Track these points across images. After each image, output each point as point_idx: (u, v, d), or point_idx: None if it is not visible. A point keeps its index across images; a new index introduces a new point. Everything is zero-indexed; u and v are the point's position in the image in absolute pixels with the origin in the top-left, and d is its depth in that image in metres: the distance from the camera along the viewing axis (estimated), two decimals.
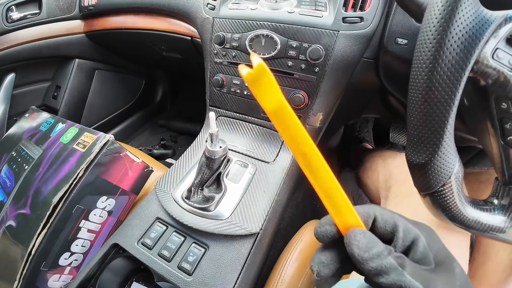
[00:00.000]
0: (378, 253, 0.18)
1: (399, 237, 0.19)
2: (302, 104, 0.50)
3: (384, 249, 0.19)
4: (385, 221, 0.20)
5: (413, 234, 0.20)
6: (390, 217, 0.20)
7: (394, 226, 0.20)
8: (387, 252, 0.18)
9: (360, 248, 0.18)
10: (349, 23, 0.46)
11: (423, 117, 0.26)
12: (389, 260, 0.18)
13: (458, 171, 0.29)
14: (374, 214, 0.20)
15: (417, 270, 0.18)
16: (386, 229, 0.20)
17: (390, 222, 0.20)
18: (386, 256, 0.18)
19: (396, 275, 0.18)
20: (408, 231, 0.20)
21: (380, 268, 0.18)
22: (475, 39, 0.24)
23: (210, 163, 0.42)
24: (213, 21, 0.55)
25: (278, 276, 0.45)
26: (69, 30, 0.90)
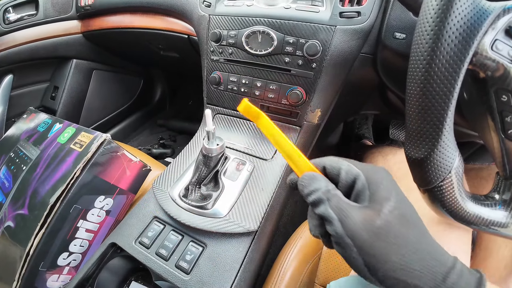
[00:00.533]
0: (314, 189, 0.23)
1: (342, 178, 0.23)
2: (300, 101, 0.49)
3: (322, 186, 0.23)
4: (332, 167, 0.24)
5: (354, 174, 0.23)
6: (335, 162, 0.24)
7: (338, 169, 0.24)
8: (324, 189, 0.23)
9: (303, 185, 0.24)
10: (346, 18, 0.45)
11: (421, 110, 0.26)
12: (319, 195, 0.22)
13: (458, 166, 0.28)
14: (324, 161, 0.25)
15: (340, 204, 0.22)
16: (333, 172, 0.24)
17: (335, 167, 0.24)
18: (318, 192, 0.23)
19: (323, 207, 0.22)
20: (349, 172, 0.23)
21: (313, 200, 0.23)
22: (473, 30, 0.24)
23: (208, 161, 0.42)
24: (209, 19, 0.55)
25: (278, 274, 0.45)
26: (66, 30, 0.90)
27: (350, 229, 0.21)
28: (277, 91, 0.51)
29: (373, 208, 0.21)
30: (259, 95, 0.53)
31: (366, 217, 0.21)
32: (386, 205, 0.21)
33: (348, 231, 0.21)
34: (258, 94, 0.53)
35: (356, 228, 0.21)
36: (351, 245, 0.21)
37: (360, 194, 0.23)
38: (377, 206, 0.21)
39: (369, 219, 0.21)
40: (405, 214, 0.21)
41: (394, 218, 0.21)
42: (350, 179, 0.23)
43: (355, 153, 0.94)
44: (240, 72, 0.54)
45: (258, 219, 0.42)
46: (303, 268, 0.46)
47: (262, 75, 0.52)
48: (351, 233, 0.21)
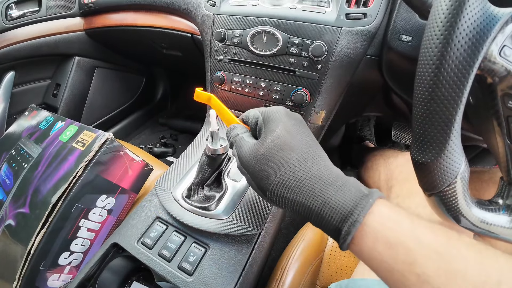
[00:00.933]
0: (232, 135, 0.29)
1: (249, 122, 0.30)
2: (304, 102, 0.49)
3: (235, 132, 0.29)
4: (245, 116, 0.31)
5: (255, 117, 0.29)
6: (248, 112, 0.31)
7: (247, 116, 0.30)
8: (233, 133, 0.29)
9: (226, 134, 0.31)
10: (352, 20, 0.45)
11: (429, 115, 0.26)
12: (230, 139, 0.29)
13: (464, 171, 0.28)
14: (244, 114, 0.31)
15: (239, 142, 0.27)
16: (248, 120, 0.30)
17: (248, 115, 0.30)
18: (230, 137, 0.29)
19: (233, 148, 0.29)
20: (253, 116, 0.29)
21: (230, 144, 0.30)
22: (482, 36, 0.23)
23: (211, 162, 0.42)
24: (214, 18, 0.55)
25: (280, 276, 0.45)
26: (69, 27, 0.90)
27: (242, 161, 0.26)
28: (281, 92, 0.51)
29: (261, 140, 0.26)
30: (263, 95, 0.53)
31: (253, 148, 0.25)
32: (270, 135, 0.25)
33: (241, 163, 0.26)
34: (262, 94, 0.53)
35: (246, 159, 0.25)
36: (245, 173, 0.26)
37: (259, 132, 0.27)
38: (263, 137, 0.26)
39: (255, 150, 0.25)
40: (287, 141, 0.24)
41: (274, 146, 0.24)
42: (253, 121, 0.29)
43: (357, 154, 0.94)
44: (244, 72, 0.54)
45: (261, 220, 0.41)
46: (305, 270, 0.46)
47: (266, 75, 0.52)
48: (244, 164, 0.26)
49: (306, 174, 0.23)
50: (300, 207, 0.23)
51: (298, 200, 0.23)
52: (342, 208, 0.21)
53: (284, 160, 0.23)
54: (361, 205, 0.21)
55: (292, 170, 0.23)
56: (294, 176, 0.23)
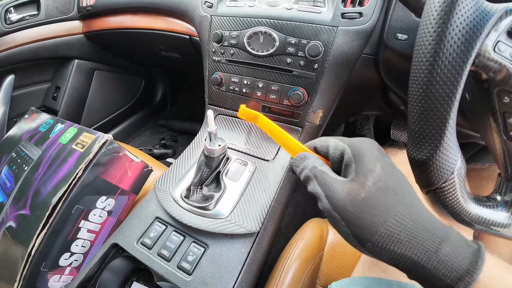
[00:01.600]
0: (303, 167, 0.24)
1: (330, 154, 0.25)
2: (302, 102, 0.49)
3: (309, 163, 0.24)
4: (321, 145, 0.26)
5: (340, 149, 0.24)
6: (324, 141, 0.26)
7: (327, 146, 0.25)
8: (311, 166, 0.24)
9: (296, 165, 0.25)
10: (348, 19, 0.45)
11: (424, 112, 0.26)
12: (306, 172, 0.24)
13: (460, 167, 0.28)
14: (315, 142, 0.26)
15: (325, 180, 0.23)
16: (323, 150, 0.25)
17: (324, 145, 0.25)
18: (306, 169, 0.24)
19: (312, 184, 0.23)
20: (336, 147, 0.24)
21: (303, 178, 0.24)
22: (476, 32, 0.24)
23: (209, 162, 0.42)
24: (211, 19, 0.55)
25: (279, 275, 0.45)
26: (68, 31, 0.90)
27: (336, 204, 0.21)
28: (278, 92, 0.51)
29: (358, 180, 0.21)
30: (261, 96, 0.53)
31: (350, 190, 0.21)
32: (370, 177, 0.21)
33: (334, 206, 0.22)
34: (260, 95, 0.53)
35: (341, 203, 0.21)
36: (338, 219, 0.22)
37: (347, 168, 0.23)
38: (361, 179, 0.21)
39: (353, 193, 0.21)
40: (390, 185, 0.21)
41: (377, 190, 0.21)
42: (338, 154, 0.24)
43: None
44: (241, 72, 0.54)
45: (260, 220, 0.42)
46: (305, 269, 0.46)
47: (263, 75, 0.52)
48: (337, 208, 0.21)
49: (416, 225, 0.20)
50: (410, 263, 0.20)
51: (408, 255, 0.20)
52: (459, 267, 0.19)
53: (390, 208, 0.20)
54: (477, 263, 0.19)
55: (401, 221, 0.20)
56: (403, 227, 0.20)
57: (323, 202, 0.22)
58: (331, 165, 0.25)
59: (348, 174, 0.23)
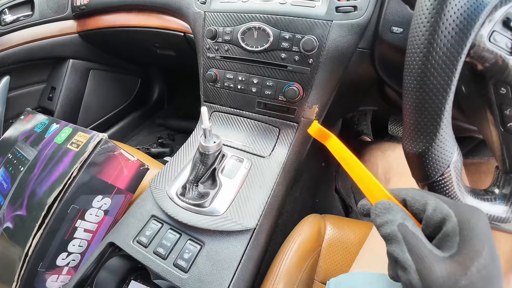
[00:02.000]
0: (388, 220, 0.20)
1: (428, 215, 0.20)
2: (297, 97, 0.49)
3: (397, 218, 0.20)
4: (415, 200, 0.21)
5: (444, 214, 0.19)
6: (420, 196, 0.21)
7: (424, 204, 0.20)
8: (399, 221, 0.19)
9: (376, 214, 0.21)
10: (342, 13, 0.45)
11: (418, 104, 0.25)
12: (393, 228, 0.19)
13: (457, 160, 0.28)
14: (406, 192, 0.22)
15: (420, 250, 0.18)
16: (416, 206, 0.21)
17: (420, 201, 0.21)
18: (392, 224, 0.19)
19: (398, 247, 0.19)
20: (438, 210, 0.20)
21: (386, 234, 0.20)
22: (470, 21, 0.23)
23: (204, 159, 0.42)
24: (205, 15, 0.54)
25: (277, 271, 0.45)
26: (62, 30, 0.89)
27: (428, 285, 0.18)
28: (273, 88, 0.51)
29: (461, 262, 0.18)
30: (256, 91, 0.53)
31: (451, 273, 0.17)
32: (476, 262, 0.18)
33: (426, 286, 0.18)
34: (255, 90, 0.53)
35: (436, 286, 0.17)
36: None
37: (447, 239, 0.19)
38: (465, 261, 0.18)
39: (453, 277, 0.17)
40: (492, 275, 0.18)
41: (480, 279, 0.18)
42: (438, 218, 0.20)
43: (354, 149, 0.94)
44: (236, 69, 0.53)
45: (256, 216, 0.41)
46: (303, 265, 0.46)
47: (258, 71, 0.51)
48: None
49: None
50: None
51: None
52: None
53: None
54: None
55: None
56: None
57: (413, 277, 0.18)
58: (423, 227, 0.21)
59: (447, 248, 0.19)
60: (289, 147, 0.52)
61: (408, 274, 0.18)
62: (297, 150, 0.53)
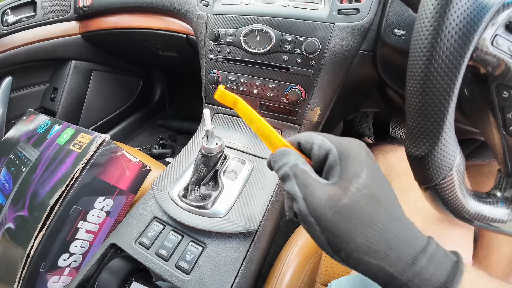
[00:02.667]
0: (282, 163, 0.22)
1: (314, 152, 0.23)
2: (299, 99, 0.49)
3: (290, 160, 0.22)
4: (305, 142, 0.23)
5: (326, 149, 0.22)
6: (308, 137, 0.23)
7: (311, 143, 0.23)
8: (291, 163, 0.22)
9: (274, 161, 0.23)
10: (344, 15, 0.45)
11: (421, 107, 0.26)
12: (286, 169, 0.22)
13: (459, 163, 0.28)
14: (299, 137, 0.24)
15: (306, 181, 0.21)
16: (307, 147, 0.23)
17: (309, 142, 0.23)
18: (286, 166, 0.22)
19: (290, 183, 0.21)
20: (322, 146, 0.22)
21: (281, 175, 0.22)
22: (473, 25, 0.23)
23: (207, 161, 0.42)
24: (207, 18, 0.55)
25: (279, 273, 0.44)
26: (65, 31, 0.90)
27: (313, 208, 0.20)
28: (276, 90, 0.51)
29: (341, 185, 0.20)
30: (258, 94, 0.53)
31: (331, 195, 0.20)
32: (355, 182, 0.20)
33: (311, 210, 0.20)
34: (257, 93, 0.53)
35: (320, 207, 0.20)
36: (314, 224, 0.20)
37: (331, 170, 0.21)
38: (345, 183, 0.20)
39: (334, 198, 0.19)
40: (374, 192, 0.20)
41: (361, 197, 0.19)
42: (322, 154, 0.22)
43: None
44: (238, 71, 0.53)
45: (258, 218, 0.41)
46: (304, 267, 0.46)
47: (260, 73, 0.52)
48: (315, 212, 0.20)
49: (396, 237, 0.19)
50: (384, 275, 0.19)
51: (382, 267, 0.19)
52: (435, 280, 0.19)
53: (372, 218, 0.19)
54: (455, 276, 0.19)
55: (381, 232, 0.19)
56: (382, 239, 0.19)
57: (300, 204, 0.20)
58: (313, 164, 0.23)
59: (331, 176, 0.21)
60: None
61: (297, 203, 0.21)
62: None
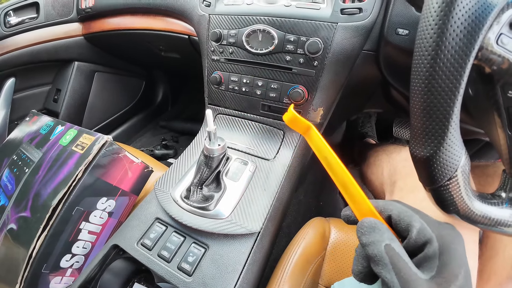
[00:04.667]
0: (374, 240, 0.20)
1: (411, 237, 0.20)
2: (302, 100, 0.49)
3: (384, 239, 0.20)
4: (400, 218, 0.21)
5: (427, 237, 0.20)
6: (406, 215, 0.21)
7: (408, 225, 0.21)
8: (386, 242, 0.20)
9: (362, 232, 0.21)
10: (347, 15, 0.45)
11: (426, 107, 0.25)
12: (380, 249, 0.20)
13: (464, 164, 0.27)
14: (391, 209, 0.22)
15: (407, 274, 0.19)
16: (401, 226, 0.21)
17: (405, 220, 0.21)
18: (379, 245, 0.20)
19: (385, 269, 0.19)
20: (422, 233, 0.20)
21: (373, 254, 0.20)
22: (478, 24, 0.23)
23: (209, 162, 0.42)
24: (209, 18, 0.55)
25: (281, 275, 0.44)
26: (67, 33, 0.90)
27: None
28: (278, 90, 0.51)
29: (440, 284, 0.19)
30: (260, 94, 0.53)
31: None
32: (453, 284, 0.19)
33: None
34: (260, 93, 0.53)
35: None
36: None
37: (428, 261, 0.20)
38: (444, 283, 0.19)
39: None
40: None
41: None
42: (420, 242, 0.21)
43: (359, 151, 0.94)
44: (241, 71, 0.53)
45: (260, 220, 0.41)
46: (307, 269, 0.46)
47: (263, 74, 0.51)
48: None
49: None
50: None
51: None
52: None
53: None
54: None
55: None
56: None
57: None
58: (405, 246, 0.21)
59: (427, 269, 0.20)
60: (293, 149, 0.51)
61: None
62: (302, 153, 0.53)
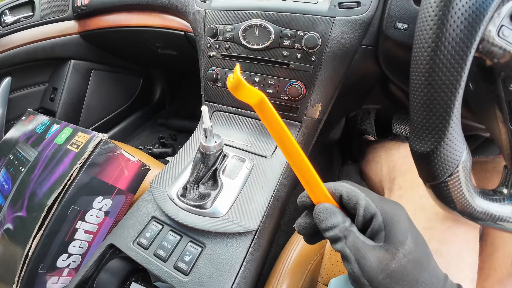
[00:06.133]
0: (331, 225, 0.23)
1: (359, 214, 0.23)
2: (299, 95, 0.48)
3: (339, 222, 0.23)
4: (349, 198, 0.24)
5: (372, 212, 0.23)
6: (353, 194, 0.24)
7: (356, 203, 0.23)
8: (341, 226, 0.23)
9: (320, 219, 0.23)
10: (345, 9, 0.44)
11: (426, 101, 0.25)
12: (337, 232, 0.23)
13: (466, 160, 0.27)
14: (341, 190, 0.24)
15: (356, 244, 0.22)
16: (350, 204, 0.24)
17: (352, 199, 0.24)
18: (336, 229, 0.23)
19: (340, 244, 0.23)
20: (367, 209, 0.23)
21: (331, 237, 0.23)
22: (479, 15, 0.22)
23: (205, 159, 0.41)
24: (205, 14, 0.54)
25: (280, 273, 0.44)
26: (63, 31, 0.89)
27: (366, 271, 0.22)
28: (276, 86, 0.50)
29: (389, 250, 0.22)
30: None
31: (381, 259, 0.22)
32: (401, 248, 0.22)
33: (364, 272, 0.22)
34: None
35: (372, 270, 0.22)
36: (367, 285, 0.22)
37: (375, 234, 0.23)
38: (392, 249, 0.22)
39: (384, 262, 0.22)
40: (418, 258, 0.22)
41: (408, 262, 0.22)
42: (367, 216, 0.23)
43: (357, 148, 0.93)
44: None
45: (258, 217, 0.41)
46: (306, 267, 0.45)
47: (260, 70, 0.51)
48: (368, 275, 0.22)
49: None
50: None
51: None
52: None
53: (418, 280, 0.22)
54: None
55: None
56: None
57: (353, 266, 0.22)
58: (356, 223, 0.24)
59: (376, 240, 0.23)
60: None
61: (350, 264, 0.22)
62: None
